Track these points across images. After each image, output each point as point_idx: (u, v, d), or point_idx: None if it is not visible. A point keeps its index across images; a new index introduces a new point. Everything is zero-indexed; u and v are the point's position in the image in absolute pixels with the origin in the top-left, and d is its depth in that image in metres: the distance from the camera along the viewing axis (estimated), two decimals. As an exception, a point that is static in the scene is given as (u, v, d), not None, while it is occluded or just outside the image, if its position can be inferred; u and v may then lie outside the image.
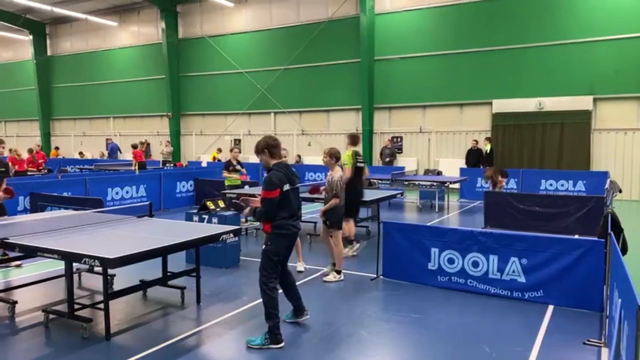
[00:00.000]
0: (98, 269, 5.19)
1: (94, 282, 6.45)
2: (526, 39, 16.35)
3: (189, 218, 7.57)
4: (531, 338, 4.80)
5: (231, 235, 5.39)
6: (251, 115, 22.33)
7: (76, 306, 4.97)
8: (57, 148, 26.90)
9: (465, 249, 6.06)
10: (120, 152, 24.44)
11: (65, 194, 10.65)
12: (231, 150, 11.50)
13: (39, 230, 5.25)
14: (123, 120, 26.12)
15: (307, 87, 20.55)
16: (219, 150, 22.25)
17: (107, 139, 26.11)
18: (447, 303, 5.81)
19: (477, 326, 5.13)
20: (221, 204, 7.66)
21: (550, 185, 14.42)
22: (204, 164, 20.61)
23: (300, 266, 7.06)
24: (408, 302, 5.82)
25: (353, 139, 8.21)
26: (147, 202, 6.53)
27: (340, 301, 5.95)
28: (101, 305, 4.95)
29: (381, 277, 6.67)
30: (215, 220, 7.30)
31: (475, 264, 6.01)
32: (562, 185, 14.26)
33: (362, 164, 8.04)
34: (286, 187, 4.63)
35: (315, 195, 7.28)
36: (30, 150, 18.77)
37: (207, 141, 23.56)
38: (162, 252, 4.82)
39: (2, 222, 5.34)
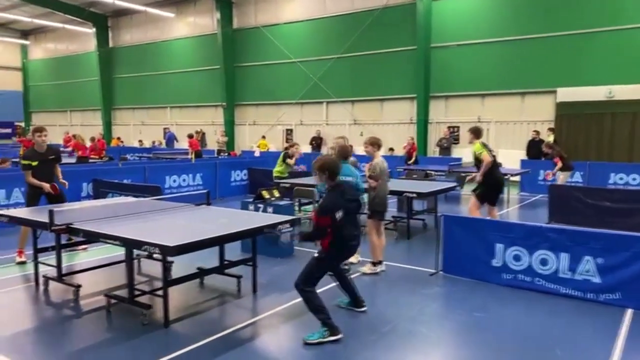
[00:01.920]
0: (157, 256, 5.23)
1: (153, 268, 6.54)
2: (595, 23, 15.33)
3: (244, 207, 7.56)
4: (608, 343, 4.43)
5: (288, 225, 5.28)
6: (303, 105, 22.28)
7: (136, 292, 5.03)
8: (118, 138, 27.96)
9: (534, 245, 5.68)
10: (177, 141, 25.08)
11: (125, 181, 10.97)
12: (292, 146, 11.43)
13: (101, 216, 5.35)
14: (179, 109, 26.76)
15: (360, 75, 20.25)
16: (263, 137, 22.32)
17: (164, 128, 26.88)
18: (512, 302, 5.48)
19: (547, 328, 4.79)
20: (276, 193, 7.60)
21: (620, 179, 13.50)
22: (256, 154, 20.79)
23: (354, 258, 6.90)
24: (471, 300, 5.54)
25: (477, 133, 7.98)
26: (205, 190, 6.53)
27: (399, 296, 5.74)
28: (160, 292, 5.00)
29: (441, 272, 6.40)
30: (270, 209, 7.25)
31: (544, 262, 5.63)
32: (634, 179, 13.32)
33: (494, 153, 7.98)
34: (339, 214, 4.45)
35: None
36: (92, 139, 19.57)
37: (260, 131, 23.73)
38: (220, 241, 4.79)
39: (66, 207, 5.47)
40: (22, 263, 6.82)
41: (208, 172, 13.42)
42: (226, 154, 21.07)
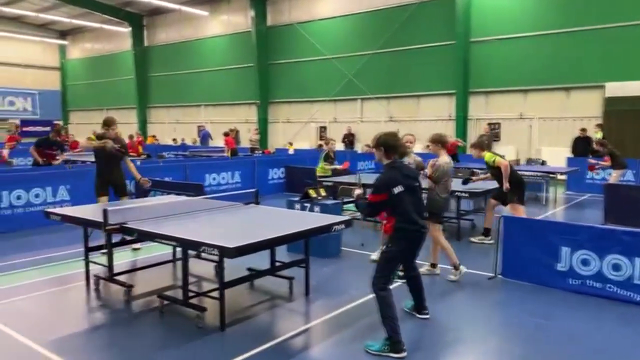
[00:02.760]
0: (206, 256, 5.10)
1: (200, 268, 6.43)
2: (648, 14, 14.61)
3: (290, 206, 7.39)
4: (698, 359, 4.07)
5: (342, 226, 5.08)
6: (337, 102, 22.04)
7: (190, 294, 4.91)
8: (153, 136, 28.31)
9: (604, 249, 5.33)
10: (212, 139, 25.20)
11: (166, 179, 10.97)
12: (327, 143, 11.24)
13: (153, 216, 5.25)
14: (213, 107, 26.88)
15: (396, 72, 19.88)
16: (290, 144, 22.06)
17: (198, 126, 27.06)
18: (581, 309, 5.14)
19: (619, 338, 4.46)
20: (322, 192, 7.41)
21: (676, 177, 12.82)
22: (290, 152, 20.68)
23: (376, 255, 6.67)
24: (535, 306, 5.22)
25: (481, 146, 7.72)
26: (253, 190, 6.38)
27: (458, 301, 5.47)
28: (213, 294, 4.87)
29: (499, 276, 6.09)
30: (317, 208, 7.07)
31: (616, 267, 5.27)
32: (691, 178, 12.63)
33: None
34: (397, 189, 4.24)
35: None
36: (130, 137, 19.81)
37: (294, 129, 23.63)
38: (278, 242, 4.61)
39: (118, 207, 5.39)
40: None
41: (246, 170, 13.37)
42: (260, 151, 21.06)
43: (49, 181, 9.32)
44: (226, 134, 18.94)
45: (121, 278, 5.68)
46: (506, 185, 7.36)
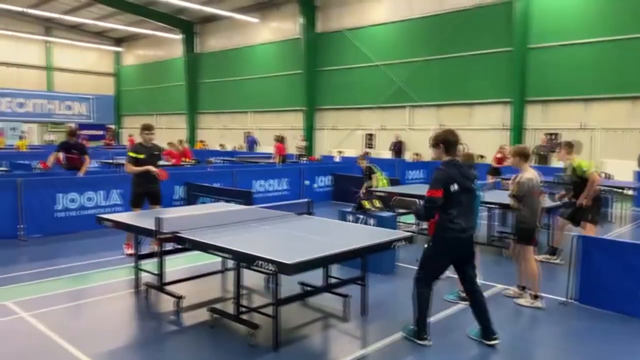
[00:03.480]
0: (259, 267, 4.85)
1: (249, 278, 6.17)
2: None
3: (342, 217, 7.09)
4: None
5: (404, 242, 4.72)
6: (385, 109, 21.63)
7: (242, 309, 4.67)
8: (202, 141, 28.77)
9: (702, 278, 4.73)
10: (258, 145, 25.30)
11: (215, 185, 10.91)
12: (362, 158, 10.64)
13: (205, 225, 5.05)
14: (261, 114, 27.01)
15: (448, 79, 19.32)
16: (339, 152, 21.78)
17: (245, 133, 27.25)
18: (674, 345, 4.57)
19: None
20: (377, 203, 7.06)
21: None
22: (337, 159, 20.42)
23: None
24: (620, 339, 4.68)
25: (572, 146, 7.11)
26: (306, 200, 6.11)
27: (529, 328, 5.00)
28: (265, 309, 4.61)
29: (574, 301, 5.54)
30: (371, 221, 6.72)
31: None
32: None
33: None
34: (454, 187, 4.20)
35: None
36: (180, 141, 20.07)
37: (340, 136, 23.37)
38: (338, 259, 4.30)
39: (170, 215, 5.23)
40: (131, 255, 6.72)
41: (293, 177, 13.17)
42: (305, 158, 20.90)
43: (102, 185, 9.38)
44: (279, 140, 18.85)
45: (170, 287, 5.52)
46: (586, 201, 6.77)
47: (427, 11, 19.73)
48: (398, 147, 20.12)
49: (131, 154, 7.21)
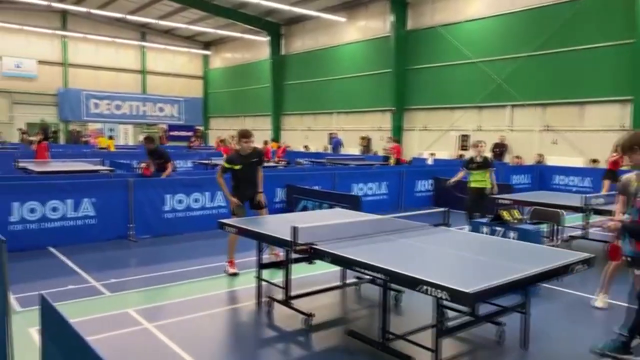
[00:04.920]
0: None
1: (372, 293, 5.58)
2: None
3: (475, 228, 6.31)
4: None
5: (585, 265, 3.90)
6: (482, 108, 20.32)
7: (389, 336, 4.06)
8: (274, 140, 28.83)
9: None
10: (343, 147, 24.82)
11: (315, 188, 10.48)
12: (475, 146, 9.61)
13: (338, 236, 4.49)
14: (345, 115, 26.53)
15: (555, 75, 17.71)
16: (432, 154, 20.65)
17: (329, 134, 26.89)
18: None
19: None
20: (517, 214, 6.21)
21: None
22: (429, 162, 19.44)
23: (600, 301, 5.30)
24: None
25: None
26: (443, 209, 5.41)
27: None
28: (414, 337, 3.98)
29: None
30: (512, 234, 5.90)
31: None
32: None
33: None
34: None
35: None
36: (265, 142, 20.15)
37: (431, 137, 22.32)
38: (520, 285, 3.56)
39: (300, 224, 4.73)
40: (234, 275, 6.40)
41: (393, 180, 12.48)
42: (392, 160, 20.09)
43: (208, 187, 9.22)
44: (395, 141, 18.26)
45: (296, 302, 5.04)
46: None
47: (530, 4, 18.23)
48: (501, 150, 18.61)
49: (225, 165, 6.62)
